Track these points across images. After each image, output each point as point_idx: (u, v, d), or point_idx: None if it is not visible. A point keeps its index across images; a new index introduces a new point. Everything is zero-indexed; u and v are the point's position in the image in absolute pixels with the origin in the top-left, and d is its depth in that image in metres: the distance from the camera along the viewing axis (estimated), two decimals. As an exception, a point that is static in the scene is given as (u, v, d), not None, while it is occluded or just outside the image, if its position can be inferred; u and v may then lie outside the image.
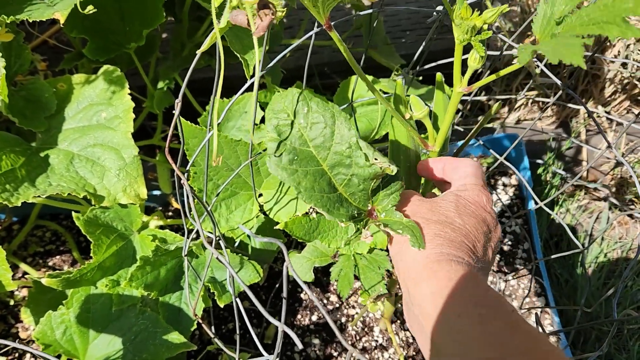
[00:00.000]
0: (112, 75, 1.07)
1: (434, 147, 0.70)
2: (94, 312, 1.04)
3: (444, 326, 0.45)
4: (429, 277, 0.49)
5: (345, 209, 0.58)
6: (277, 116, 0.57)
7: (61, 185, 0.97)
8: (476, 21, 0.54)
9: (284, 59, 1.64)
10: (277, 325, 0.52)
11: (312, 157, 0.57)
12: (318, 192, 0.57)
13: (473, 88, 0.60)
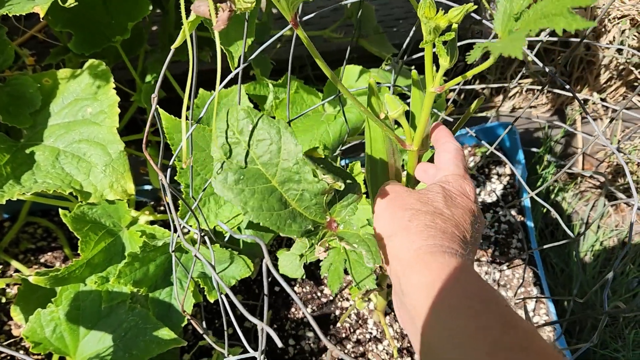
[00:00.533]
0: (97, 70, 1.06)
1: (412, 146, 0.68)
2: (83, 309, 1.03)
3: (435, 319, 0.44)
4: (421, 268, 0.48)
5: (298, 224, 0.58)
6: (223, 134, 0.56)
7: (47, 182, 0.96)
8: (440, 21, 0.52)
9: (275, 50, 1.62)
10: (269, 317, 0.52)
11: (261, 174, 0.56)
12: (267, 210, 0.56)
13: (446, 87, 0.59)
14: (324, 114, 1.21)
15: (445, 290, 0.45)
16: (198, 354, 1.27)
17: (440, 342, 0.43)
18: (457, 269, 0.46)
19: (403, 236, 0.52)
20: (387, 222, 0.55)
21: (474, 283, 0.45)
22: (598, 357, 1.33)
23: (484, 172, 1.57)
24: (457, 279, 0.45)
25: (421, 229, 0.51)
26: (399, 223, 0.53)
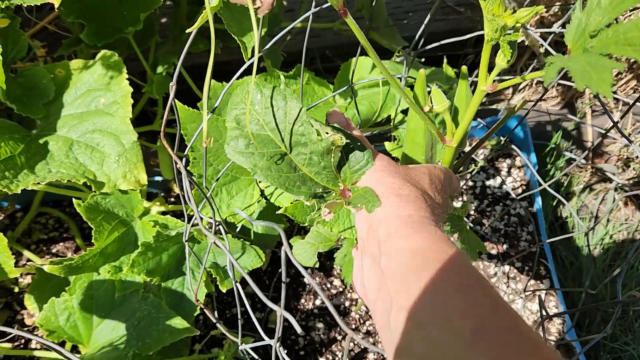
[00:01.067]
0: (110, 60, 1.06)
1: (452, 143, 0.68)
2: (97, 298, 1.04)
3: (416, 287, 0.41)
4: (409, 234, 0.46)
5: (307, 187, 0.59)
6: (236, 107, 0.58)
7: (61, 172, 0.96)
8: (507, 20, 0.51)
9: (285, 42, 1.62)
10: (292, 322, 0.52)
11: (270, 139, 0.58)
12: (275, 172, 0.58)
13: (498, 88, 0.59)
14: (335, 105, 1.21)
15: (432, 259, 0.42)
16: (209, 344, 1.28)
17: (423, 312, 0.40)
18: (446, 244, 0.44)
19: (393, 202, 0.50)
20: (376, 185, 0.54)
21: (461, 260, 0.43)
22: (608, 349, 1.33)
23: (494, 165, 1.57)
24: (444, 252, 0.43)
25: (412, 199, 0.51)
26: (390, 188, 0.52)
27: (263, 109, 0.59)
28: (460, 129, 0.67)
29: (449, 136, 0.68)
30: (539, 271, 1.36)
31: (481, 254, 1.40)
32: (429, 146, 0.73)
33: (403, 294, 0.41)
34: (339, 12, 0.52)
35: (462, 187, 1.52)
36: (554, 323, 1.29)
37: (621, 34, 0.41)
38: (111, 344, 1.02)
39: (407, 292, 0.41)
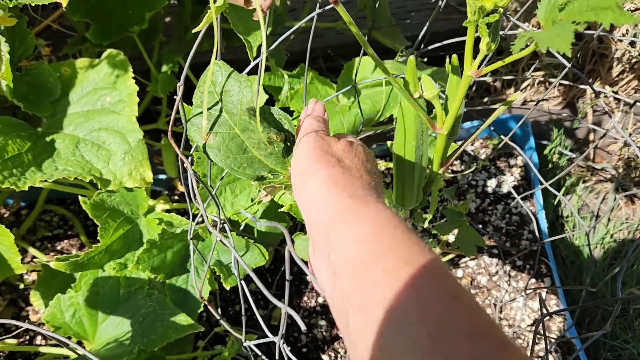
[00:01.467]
0: (116, 59, 1.07)
1: (442, 130, 0.69)
2: (102, 295, 1.05)
3: (367, 280, 0.38)
4: (353, 220, 0.43)
5: (252, 169, 0.62)
6: (202, 87, 0.62)
7: (67, 170, 0.98)
8: (486, 2, 0.52)
9: (288, 42, 1.63)
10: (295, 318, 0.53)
11: (226, 121, 0.61)
12: (224, 152, 0.61)
13: (482, 72, 0.60)
14: (338, 104, 1.22)
15: (379, 247, 0.40)
16: (212, 341, 1.29)
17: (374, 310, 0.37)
18: (392, 223, 0.42)
19: (330, 182, 0.48)
20: (314, 168, 0.51)
21: (411, 240, 0.40)
22: (608, 348, 1.34)
23: (496, 164, 1.58)
24: (392, 236, 0.41)
25: (349, 179, 0.49)
26: (326, 170, 0.49)
27: (222, 90, 0.62)
28: (450, 115, 0.67)
29: (439, 123, 0.69)
30: (540, 270, 1.37)
31: (482, 250, 1.41)
32: (419, 132, 0.74)
33: (357, 295, 0.39)
34: (330, 1, 0.53)
35: (463, 185, 1.53)
36: (554, 321, 1.30)
37: (585, 2, 0.44)
38: (116, 340, 1.03)
39: (361, 293, 0.38)
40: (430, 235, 1.43)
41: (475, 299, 0.38)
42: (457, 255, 1.36)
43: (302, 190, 0.51)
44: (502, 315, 1.31)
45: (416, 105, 0.67)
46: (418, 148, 0.74)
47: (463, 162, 1.58)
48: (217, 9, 0.63)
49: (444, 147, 0.73)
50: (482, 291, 1.35)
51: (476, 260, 1.39)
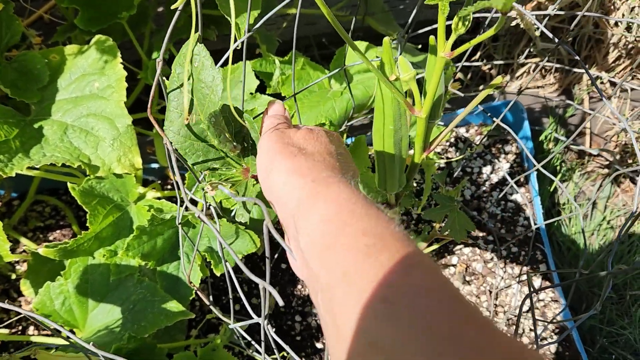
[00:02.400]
0: (104, 45, 1.06)
1: (421, 113, 0.68)
2: (92, 282, 1.04)
3: (329, 258, 0.39)
4: (316, 202, 0.44)
5: (207, 159, 0.63)
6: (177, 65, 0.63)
7: (55, 156, 0.97)
8: None
9: (281, 30, 1.62)
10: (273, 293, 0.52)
11: (194, 104, 0.61)
12: (182, 135, 0.61)
13: (455, 53, 0.59)
14: (330, 90, 1.21)
15: (341, 225, 0.41)
16: (205, 330, 1.29)
17: (337, 286, 0.38)
18: (353, 200, 0.43)
19: (293, 173, 0.49)
20: (276, 163, 0.52)
21: (371, 215, 0.41)
22: (604, 334, 1.33)
23: (491, 151, 1.57)
24: (352, 212, 0.41)
25: (312, 164, 0.50)
26: (288, 161, 0.51)
27: (196, 77, 0.62)
28: (427, 98, 0.66)
29: (417, 106, 0.68)
30: (536, 256, 1.36)
31: (477, 237, 1.40)
32: (397, 116, 0.73)
33: (323, 274, 0.40)
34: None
35: (459, 172, 1.52)
36: (550, 307, 1.29)
37: None
38: (107, 328, 1.02)
39: (326, 271, 0.39)
40: (423, 222, 1.42)
41: (432, 261, 0.38)
42: (452, 241, 1.35)
43: (269, 184, 0.52)
44: (498, 302, 1.31)
45: (392, 87, 0.65)
46: (396, 132, 0.73)
47: (458, 149, 1.57)
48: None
49: (425, 131, 0.72)
50: (477, 278, 1.34)
51: (471, 247, 1.38)
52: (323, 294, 0.40)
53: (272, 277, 1.36)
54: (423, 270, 0.36)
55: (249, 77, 1.17)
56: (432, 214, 1.03)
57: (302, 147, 0.53)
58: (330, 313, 0.38)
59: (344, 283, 0.37)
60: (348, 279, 0.37)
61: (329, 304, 0.38)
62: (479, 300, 1.31)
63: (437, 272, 0.36)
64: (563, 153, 1.65)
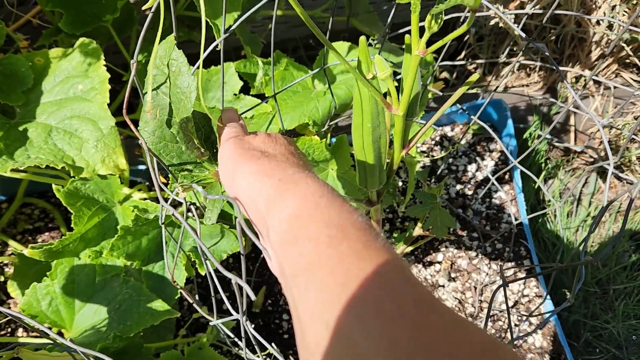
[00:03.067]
0: (88, 48, 1.07)
1: (398, 111, 0.69)
2: (78, 283, 1.05)
3: (294, 251, 0.41)
4: (286, 199, 0.45)
5: (180, 160, 0.63)
6: (160, 62, 0.63)
7: (39, 157, 0.98)
8: None
9: (266, 31, 1.63)
10: (264, 293, 0.53)
11: (169, 108, 0.62)
12: (158, 137, 0.62)
13: (429, 51, 0.60)
14: (314, 90, 1.22)
15: (306, 218, 0.42)
16: (194, 329, 1.30)
17: (300, 276, 0.39)
18: (319, 193, 0.44)
19: (259, 174, 0.49)
20: (241, 169, 0.52)
21: (334, 207, 0.43)
22: (588, 328, 1.35)
23: (476, 149, 1.58)
24: (316, 205, 0.43)
25: (275, 164, 0.51)
26: (252, 165, 0.51)
27: (172, 81, 0.62)
28: (404, 96, 0.67)
29: (394, 104, 0.69)
30: (520, 252, 1.38)
31: (460, 231, 1.42)
32: (375, 114, 0.74)
33: (290, 267, 0.41)
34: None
35: (443, 170, 1.54)
36: (535, 302, 1.31)
37: None
38: (93, 328, 1.03)
39: (292, 264, 0.41)
40: (409, 220, 1.44)
41: (389, 246, 0.40)
42: (436, 238, 1.37)
43: (235, 190, 0.52)
44: (483, 298, 1.32)
45: (369, 86, 0.66)
46: (374, 129, 0.74)
47: (444, 147, 1.59)
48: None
49: (403, 129, 0.73)
50: (462, 274, 1.35)
51: (456, 244, 1.40)
52: (289, 290, 0.41)
53: (259, 276, 1.38)
54: (379, 255, 0.37)
55: (233, 78, 1.18)
56: (415, 211, 1.04)
57: (263, 150, 0.54)
58: (294, 306, 0.40)
59: (307, 273, 0.39)
60: (310, 270, 0.38)
61: (293, 297, 0.40)
62: (465, 296, 1.33)
63: (392, 256, 0.38)
64: (548, 150, 1.67)
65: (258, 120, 1.10)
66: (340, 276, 0.36)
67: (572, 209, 1.56)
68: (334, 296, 0.35)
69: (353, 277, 0.36)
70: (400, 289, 0.35)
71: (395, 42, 1.55)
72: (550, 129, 1.67)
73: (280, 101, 1.16)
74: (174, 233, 1.07)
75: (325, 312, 0.35)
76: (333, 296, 0.35)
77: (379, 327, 0.32)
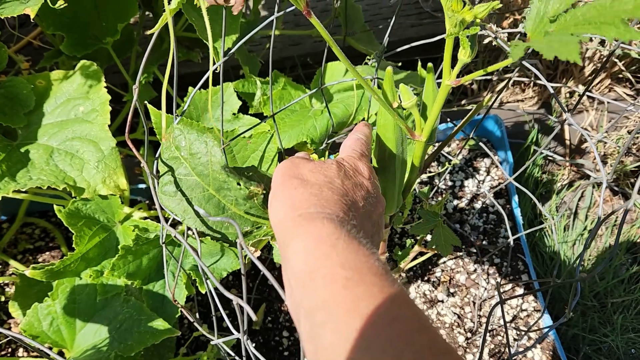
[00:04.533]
0: (89, 70, 1.09)
1: (421, 137, 0.70)
2: (79, 303, 1.06)
3: (310, 287, 0.43)
4: (299, 234, 0.47)
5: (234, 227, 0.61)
6: (166, 150, 0.62)
7: (41, 179, 0.99)
8: (466, 15, 0.54)
9: (264, 51, 1.66)
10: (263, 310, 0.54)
11: (198, 183, 0.61)
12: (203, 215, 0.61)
13: (462, 81, 0.61)
14: (311, 109, 1.24)
15: (321, 257, 0.44)
16: (194, 348, 1.30)
17: (317, 313, 0.41)
18: (336, 235, 0.46)
19: (288, 203, 0.52)
20: (277, 191, 0.55)
21: (350, 250, 0.44)
22: (587, 341, 1.35)
23: (472, 165, 1.60)
24: (333, 246, 0.44)
25: (305, 197, 0.52)
26: (287, 191, 0.54)
27: (188, 154, 0.61)
28: (428, 123, 0.69)
29: (418, 131, 0.71)
30: (517, 266, 1.38)
31: (460, 248, 1.43)
32: (399, 141, 0.76)
33: (304, 302, 0.43)
34: (303, 13, 0.55)
35: (441, 186, 1.55)
36: (533, 317, 1.32)
37: (579, 16, 0.44)
38: (95, 347, 1.03)
39: (307, 299, 0.42)
40: (407, 235, 1.45)
41: (402, 295, 0.41)
42: (435, 254, 1.38)
43: (270, 214, 0.55)
44: (481, 313, 1.33)
45: (395, 115, 0.68)
46: (398, 157, 0.76)
47: (440, 163, 1.60)
48: (171, 12, 0.66)
49: (423, 153, 0.75)
50: (461, 289, 1.36)
51: (454, 259, 1.41)
52: (305, 321, 0.43)
53: (259, 293, 1.38)
54: (395, 301, 0.40)
55: (232, 98, 1.20)
56: (418, 229, 1.05)
57: (305, 178, 0.55)
58: (311, 339, 0.41)
59: (323, 311, 0.40)
60: (325, 308, 0.40)
61: (310, 330, 0.42)
62: (464, 311, 1.33)
63: (408, 302, 0.40)
64: (544, 165, 1.69)
65: (256, 140, 1.11)
66: (357, 320, 0.38)
67: (568, 222, 1.58)
68: (352, 340, 0.37)
69: (370, 322, 0.38)
70: (417, 337, 0.37)
71: (390, 59, 1.58)
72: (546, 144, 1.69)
73: (278, 120, 1.17)
74: (175, 252, 1.08)
75: (343, 353, 0.37)
76: (350, 340, 0.37)
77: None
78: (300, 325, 0.44)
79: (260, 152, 1.05)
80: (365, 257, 0.44)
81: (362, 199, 0.57)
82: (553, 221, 0.89)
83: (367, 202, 0.57)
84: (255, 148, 1.08)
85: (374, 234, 0.58)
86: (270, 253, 1.41)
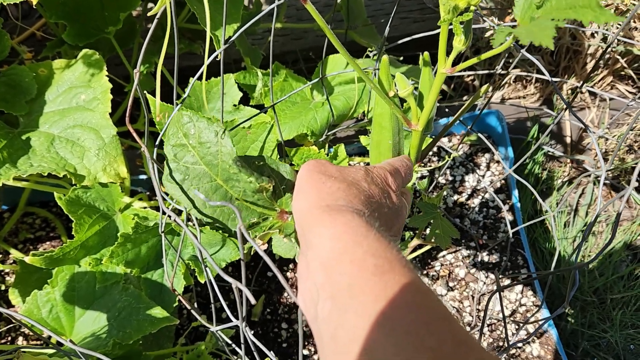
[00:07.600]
0: (91, 59, 1.09)
1: (417, 126, 0.70)
2: (78, 290, 1.06)
3: (337, 270, 0.42)
4: (326, 222, 0.47)
5: (242, 218, 0.61)
6: (173, 137, 0.61)
7: (42, 166, 0.99)
8: (459, 1, 0.54)
9: (266, 44, 1.66)
10: (263, 301, 0.54)
11: (205, 173, 0.60)
12: (210, 206, 0.60)
13: (456, 69, 0.61)
14: (312, 101, 1.24)
15: (350, 243, 0.43)
16: (193, 338, 1.30)
17: (341, 296, 0.41)
18: (365, 227, 0.45)
19: (314, 194, 0.52)
20: (304, 184, 0.55)
21: (380, 243, 0.44)
22: (586, 337, 1.35)
23: (473, 160, 1.60)
24: (363, 236, 0.44)
25: (334, 190, 0.52)
26: (314, 184, 0.53)
27: (197, 143, 0.61)
28: (424, 112, 0.69)
29: (414, 120, 0.71)
30: (517, 261, 1.39)
31: (460, 243, 1.43)
32: (395, 130, 0.76)
33: (327, 285, 0.42)
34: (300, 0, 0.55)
35: (441, 180, 1.55)
36: (532, 311, 1.32)
37: (563, 1, 0.45)
38: (93, 335, 1.04)
39: (331, 282, 0.42)
40: (406, 228, 1.45)
41: (427, 288, 0.42)
42: (434, 248, 1.38)
43: (293, 204, 0.55)
44: (481, 307, 1.33)
45: (391, 103, 0.68)
46: (394, 146, 0.76)
47: (441, 158, 1.60)
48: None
49: (419, 143, 0.75)
50: (460, 283, 1.36)
51: (454, 253, 1.41)
52: (324, 304, 0.42)
53: (258, 284, 1.38)
54: (422, 292, 0.40)
55: (233, 89, 1.20)
56: (417, 222, 1.05)
57: (332, 174, 0.55)
58: (330, 321, 0.41)
59: (348, 295, 0.40)
60: (352, 292, 0.40)
61: (330, 314, 0.41)
62: (463, 305, 1.33)
63: (434, 296, 0.41)
64: (545, 161, 1.69)
65: (256, 130, 1.12)
66: (384, 304, 0.38)
67: (569, 219, 1.58)
68: (376, 323, 0.38)
69: (397, 308, 0.38)
70: (441, 324, 0.38)
71: (393, 54, 1.58)
72: (547, 140, 1.69)
73: (279, 111, 1.17)
74: (174, 241, 1.08)
75: (365, 335, 0.37)
76: (374, 322, 0.38)
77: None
78: (317, 310, 0.43)
79: (260, 142, 1.06)
80: (396, 251, 0.44)
81: (387, 207, 0.56)
82: (552, 213, 0.89)
83: (391, 211, 0.57)
84: (254, 138, 1.08)
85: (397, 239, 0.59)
86: (269, 246, 1.41)
